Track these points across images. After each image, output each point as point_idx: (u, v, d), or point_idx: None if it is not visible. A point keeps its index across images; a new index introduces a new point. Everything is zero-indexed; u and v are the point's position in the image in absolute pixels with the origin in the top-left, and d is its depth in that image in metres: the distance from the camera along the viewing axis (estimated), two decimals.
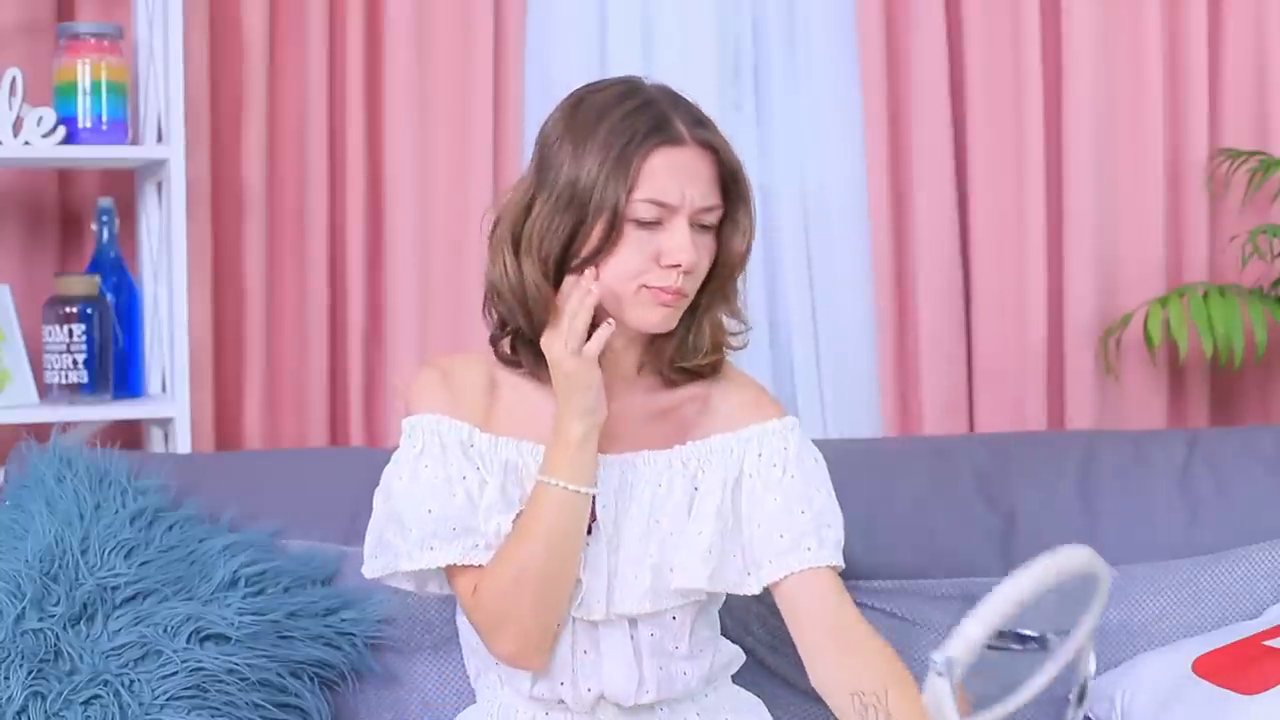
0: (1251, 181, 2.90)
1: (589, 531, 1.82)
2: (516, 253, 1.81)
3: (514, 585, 1.79)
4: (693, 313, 1.85)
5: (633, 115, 1.79)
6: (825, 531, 1.85)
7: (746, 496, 1.86)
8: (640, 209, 1.76)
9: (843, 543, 1.88)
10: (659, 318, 1.80)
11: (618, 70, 2.87)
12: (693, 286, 1.81)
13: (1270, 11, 2.97)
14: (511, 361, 1.87)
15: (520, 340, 1.85)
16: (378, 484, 1.88)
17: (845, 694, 1.78)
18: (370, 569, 1.89)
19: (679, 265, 1.76)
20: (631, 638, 1.85)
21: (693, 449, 1.87)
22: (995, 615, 1.24)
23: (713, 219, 1.81)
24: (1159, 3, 2.94)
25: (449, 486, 1.81)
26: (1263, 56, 2.98)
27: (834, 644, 1.82)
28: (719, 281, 1.85)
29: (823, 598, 1.83)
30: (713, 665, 1.91)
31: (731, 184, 1.82)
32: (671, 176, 1.77)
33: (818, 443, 1.94)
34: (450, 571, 1.84)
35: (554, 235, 1.78)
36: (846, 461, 1.97)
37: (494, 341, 1.88)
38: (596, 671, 1.85)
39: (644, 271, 1.77)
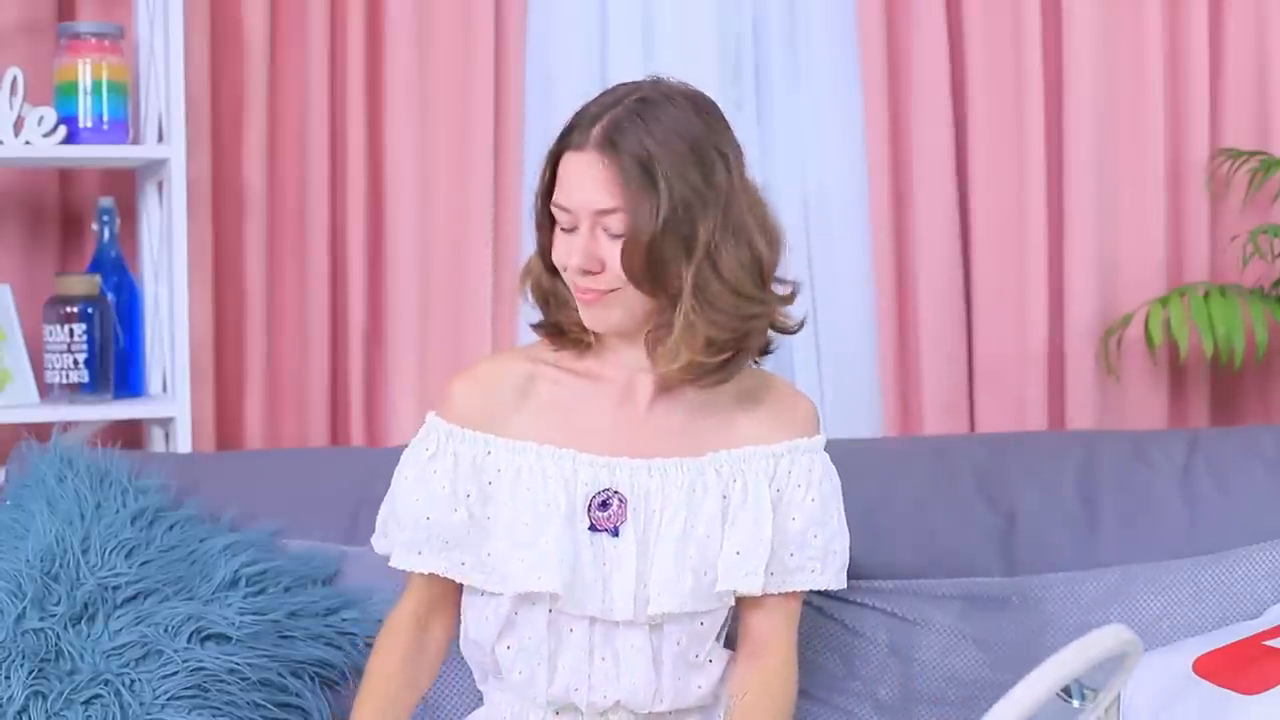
0: (1252, 181, 2.90)
1: (616, 533, 1.83)
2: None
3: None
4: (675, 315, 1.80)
5: (570, 120, 1.81)
6: (830, 557, 1.89)
7: (773, 509, 1.86)
8: (555, 213, 1.79)
9: (847, 563, 1.92)
10: (587, 317, 1.81)
11: (617, 70, 2.88)
12: (610, 285, 1.76)
13: (1271, 11, 2.97)
14: (558, 340, 1.88)
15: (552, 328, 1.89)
16: (378, 484, 1.91)
17: (729, 687, 1.89)
18: (379, 545, 1.92)
19: (566, 268, 1.79)
20: (652, 645, 1.85)
21: (726, 457, 1.86)
22: (1025, 706, 1.23)
23: (610, 222, 1.75)
24: (1159, 3, 2.94)
25: (452, 501, 1.82)
26: (1263, 56, 2.98)
27: (753, 651, 1.89)
28: (648, 285, 1.76)
29: (771, 617, 1.88)
30: (720, 675, 1.91)
31: (633, 182, 1.73)
32: (571, 180, 1.77)
33: None
34: (411, 577, 1.88)
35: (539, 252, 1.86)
36: (846, 461, 1.97)
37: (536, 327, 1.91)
38: (614, 679, 1.85)
39: (563, 270, 1.81)
